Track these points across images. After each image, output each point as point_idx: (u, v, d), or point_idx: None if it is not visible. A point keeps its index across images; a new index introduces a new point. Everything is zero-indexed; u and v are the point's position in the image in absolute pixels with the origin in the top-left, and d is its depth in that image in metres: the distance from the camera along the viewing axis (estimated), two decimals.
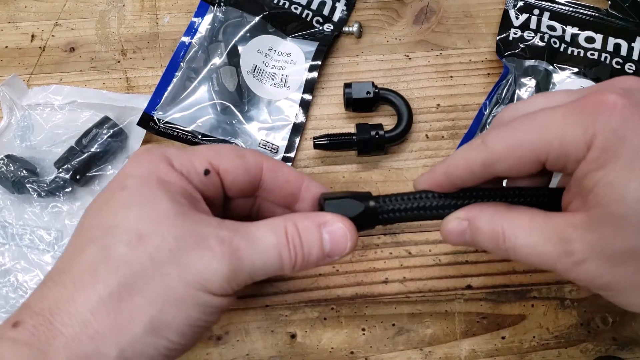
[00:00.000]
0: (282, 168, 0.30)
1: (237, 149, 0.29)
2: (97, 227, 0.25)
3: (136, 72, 0.47)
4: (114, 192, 0.25)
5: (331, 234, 0.27)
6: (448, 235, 0.28)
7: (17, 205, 0.42)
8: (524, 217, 0.25)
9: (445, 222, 0.28)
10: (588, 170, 0.23)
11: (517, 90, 0.44)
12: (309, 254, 0.26)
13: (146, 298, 0.23)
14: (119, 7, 0.50)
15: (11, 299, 0.40)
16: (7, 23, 0.49)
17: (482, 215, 0.26)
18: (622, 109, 0.22)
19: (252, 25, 0.46)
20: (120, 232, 0.24)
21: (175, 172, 0.26)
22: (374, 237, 0.42)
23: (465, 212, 0.27)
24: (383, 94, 0.44)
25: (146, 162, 0.26)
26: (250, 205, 0.32)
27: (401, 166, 0.44)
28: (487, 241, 0.26)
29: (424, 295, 0.40)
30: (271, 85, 0.46)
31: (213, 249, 0.24)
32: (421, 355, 0.39)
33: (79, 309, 0.23)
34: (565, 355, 0.39)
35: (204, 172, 0.27)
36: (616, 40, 0.45)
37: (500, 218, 0.26)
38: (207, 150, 0.28)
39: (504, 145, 0.25)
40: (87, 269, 0.23)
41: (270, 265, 0.25)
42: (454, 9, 0.48)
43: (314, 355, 0.40)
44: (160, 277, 0.23)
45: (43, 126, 0.44)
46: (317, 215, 0.27)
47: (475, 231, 0.27)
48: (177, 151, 0.27)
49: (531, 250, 0.25)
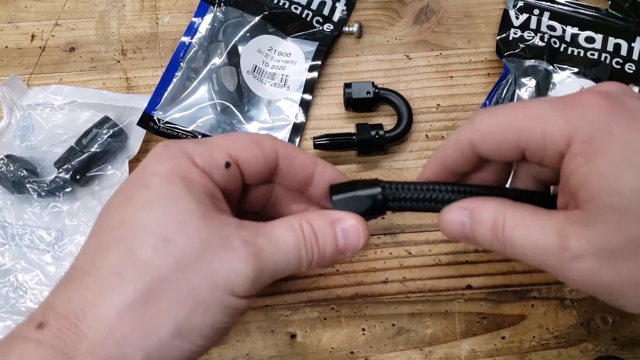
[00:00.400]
0: (296, 154, 0.29)
1: (253, 136, 0.29)
2: (120, 226, 0.24)
3: (136, 72, 0.47)
4: (136, 190, 0.25)
5: (344, 231, 0.27)
6: (448, 225, 0.27)
7: (17, 205, 0.42)
8: (526, 211, 0.25)
9: (445, 211, 0.27)
10: (575, 165, 0.23)
11: (517, 90, 0.44)
12: (324, 251, 0.27)
13: (173, 302, 0.23)
14: (119, 7, 0.50)
15: (11, 299, 0.40)
16: (7, 23, 0.49)
17: (485, 206, 0.26)
18: (605, 105, 0.23)
19: (252, 25, 0.46)
20: (145, 234, 0.23)
21: (197, 169, 0.26)
22: (374, 237, 0.42)
23: (467, 202, 0.27)
24: (383, 94, 0.44)
25: (167, 159, 0.26)
26: (268, 193, 0.32)
27: (401, 166, 0.44)
28: (486, 233, 0.26)
29: (424, 295, 0.40)
30: (271, 85, 0.46)
31: (238, 250, 0.24)
32: (421, 355, 0.39)
33: (104, 313, 0.22)
34: (565, 355, 0.39)
35: (225, 165, 0.27)
36: (616, 40, 0.45)
37: (504, 210, 0.25)
38: (226, 141, 0.28)
39: (489, 125, 0.25)
40: (113, 272, 0.23)
41: (290, 263, 0.26)
42: (454, 9, 0.49)
43: (314, 355, 0.40)
44: (186, 280, 0.23)
45: (43, 126, 0.44)
46: (330, 213, 0.27)
47: (477, 222, 0.26)
48: (197, 146, 0.27)
49: (528, 243, 0.24)
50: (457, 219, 0.27)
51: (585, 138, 0.22)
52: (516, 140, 0.24)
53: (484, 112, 0.26)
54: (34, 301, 0.40)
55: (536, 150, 0.24)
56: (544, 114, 0.24)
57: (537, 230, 0.24)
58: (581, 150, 0.22)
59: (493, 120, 0.25)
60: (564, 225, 0.23)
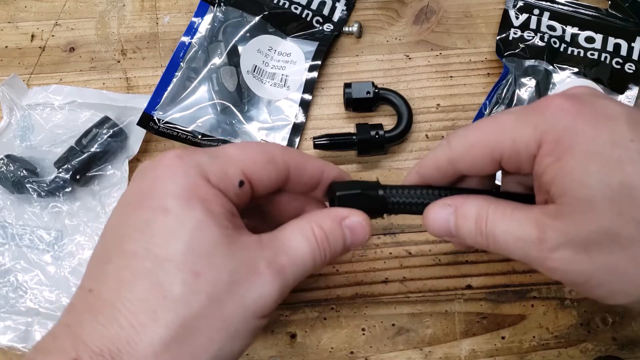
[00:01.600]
0: (306, 165, 0.29)
1: (266, 149, 0.28)
2: (145, 256, 0.23)
3: (136, 72, 0.47)
4: (156, 214, 0.24)
5: (351, 228, 0.28)
6: (433, 222, 0.28)
7: (17, 205, 0.42)
8: (507, 207, 0.26)
9: (430, 208, 0.28)
10: (545, 164, 0.24)
11: (517, 90, 0.44)
12: (334, 251, 0.27)
13: (207, 337, 0.23)
14: (119, 7, 0.50)
15: (11, 299, 0.40)
16: (7, 23, 0.49)
17: (469, 202, 0.27)
18: (570, 107, 0.24)
19: (252, 25, 0.46)
20: (173, 268, 0.23)
21: (214, 190, 0.25)
22: (374, 237, 0.42)
23: (451, 199, 0.28)
24: (383, 94, 0.44)
25: (182, 176, 0.25)
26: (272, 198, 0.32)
27: (401, 166, 0.44)
28: (470, 228, 0.27)
29: (424, 295, 0.40)
30: (271, 85, 0.46)
31: (264, 274, 0.24)
32: (421, 355, 0.39)
33: (140, 353, 0.22)
34: (565, 355, 0.39)
35: (238, 184, 0.27)
36: (616, 40, 0.45)
37: (487, 206, 0.27)
38: (239, 154, 0.27)
39: (463, 144, 0.27)
40: (144, 310, 0.23)
41: (307, 271, 0.26)
42: (454, 9, 0.48)
43: (314, 355, 0.40)
44: (219, 313, 0.23)
45: (43, 126, 0.44)
46: (336, 212, 0.28)
47: (461, 217, 0.27)
48: (211, 160, 0.26)
49: (510, 236, 0.25)
50: (442, 215, 0.28)
51: (553, 139, 0.24)
52: (490, 154, 0.26)
53: (459, 132, 0.28)
54: (33, 301, 0.40)
55: (510, 159, 0.26)
56: (513, 124, 0.25)
57: (518, 224, 0.25)
58: (550, 150, 0.24)
59: (467, 139, 0.27)
60: (541, 218, 0.25)
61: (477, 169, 0.27)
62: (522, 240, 0.25)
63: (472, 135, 0.27)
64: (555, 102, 0.24)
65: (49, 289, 0.40)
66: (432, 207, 0.28)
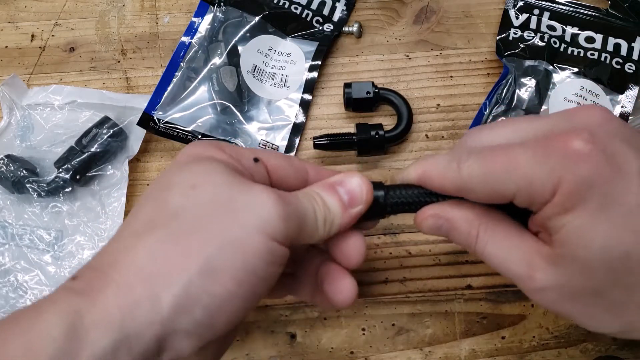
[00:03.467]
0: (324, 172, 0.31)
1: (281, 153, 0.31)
2: (153, 188, 0.26)
3: (136, 72, 0.47)
4: (168, 168, 0.27)
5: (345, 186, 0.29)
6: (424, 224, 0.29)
7: (17, 205, 0.42)
8: (499, 227, 0.27)
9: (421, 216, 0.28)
10: (554, 212, 0.24)
11: (517, 90, 0.44)
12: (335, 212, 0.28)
13: (203, 238, 0.23)
14: (119, 7, 0.50)
15: (11, 299, 0.40)
16: (7, 23, 0.49)
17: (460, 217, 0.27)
18: (589, 156, 0.23)
19: (252, 25, 0.46)
20: (174, 186, 0.25)
21: (226, 154, 0.28)
22: (374, 237, 0.42)
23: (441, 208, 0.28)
24: (383, 94, 0.44)
25: (199, 146, 0.28)
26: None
27: (401, 166, 0.44)
28: (461, 240, 0.28)
29: (424, 295, 0.40)
30: (271, 85, 0.46)
31: (265, 192, 0.25)
32: (421, 355, 0.39)
33: (135, 257, 0.23)
34: (565, 355, 0.39)
35: (253, 160, 0.28)
36: (616, 40, 0.45)
37: (478, 222, 0.27)
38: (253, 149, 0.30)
39: (477, 176, 0.25)
40: (145, 221, 0.24)
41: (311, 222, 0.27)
42: (454, 9, 0.48)
43: (314, 355, 0.40)
44: (217, 219, 0.24)
45: (43, 126, 0.44)
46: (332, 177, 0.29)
47: (453, 229, 0.28)
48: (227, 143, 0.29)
49: (500, 261, 0.26)
50: (432, 224, 0.28)
51: (569, 190, 0.23)
52: (504, 192, 0.25)
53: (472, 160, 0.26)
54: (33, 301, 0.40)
55: (521, 198, 0.25)
56: (529, 163, 0.24)
57: (508, 252, 0.26)
58: (563, 201, 0.23)
59: (480, 169, 0.25)
60: (534, 257, 0.25)
61: (485, 200, 0.26)
62: (510, 271, 0.26)
63: (485, 167, 0.25)
64: (575, 145, 0.23)
65: (49, 289, 0.40)
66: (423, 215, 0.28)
